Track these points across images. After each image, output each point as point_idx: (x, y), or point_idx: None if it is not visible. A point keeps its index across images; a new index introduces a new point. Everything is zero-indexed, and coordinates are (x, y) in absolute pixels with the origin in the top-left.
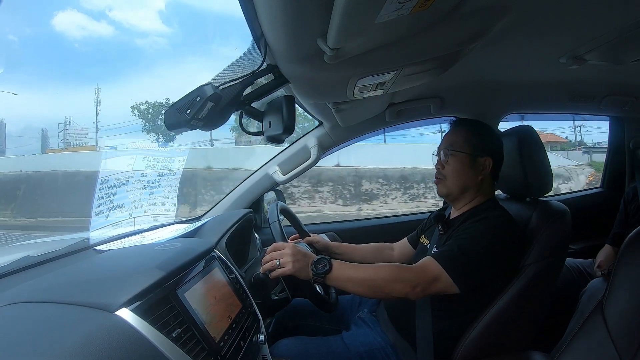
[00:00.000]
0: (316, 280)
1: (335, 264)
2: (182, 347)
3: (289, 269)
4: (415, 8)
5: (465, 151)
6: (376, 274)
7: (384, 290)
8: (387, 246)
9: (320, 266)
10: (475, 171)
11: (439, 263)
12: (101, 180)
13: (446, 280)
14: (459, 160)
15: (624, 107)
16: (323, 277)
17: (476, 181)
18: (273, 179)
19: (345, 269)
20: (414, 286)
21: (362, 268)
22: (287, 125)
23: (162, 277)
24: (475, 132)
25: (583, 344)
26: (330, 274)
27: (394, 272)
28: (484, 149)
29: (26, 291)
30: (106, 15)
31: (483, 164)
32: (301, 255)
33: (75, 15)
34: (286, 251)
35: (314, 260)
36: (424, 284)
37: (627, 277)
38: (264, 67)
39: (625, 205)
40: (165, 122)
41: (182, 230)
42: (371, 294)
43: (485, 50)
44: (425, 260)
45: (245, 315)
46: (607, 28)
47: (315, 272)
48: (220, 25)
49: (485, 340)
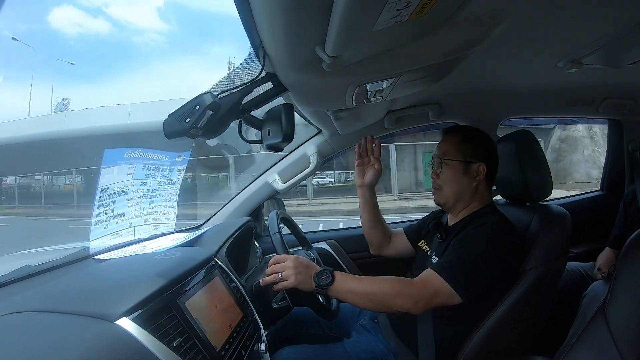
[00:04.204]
0: (318, 292)
1: (337, 276)
2: (182, 356)
3: (292, 282)
4: (413, 15)
5: (458, 159)
6: (378, 288)
7: (385, 304)
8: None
9: (322, 278)
10: (469, 178)
11: (440, 275)
12: (101, 189)
13: (448, 292)
14: (452, 168)
15: (622, 110)
16: (325, 289)
17: (471, 188)
18: (273, 187)
19: (347, 281)
20: (416, 301)
21: (364, 281)
22: (286, 133)
23: (162, 286)
24: (466, 139)
25: (585, 347)
26: (332, 286)
27: (396, 287)
28: (477, 155)
29: (26, 300)
30: (103, 12)
31: (477, 170)
32: (303, 268)
33: (71, 11)
34: (288, 264)
35: (316, 272)
36: (425, 299)
37: (629, 279)
38: (263, 75)
39: (625, 207)
40: (164, 131)
41: (182, 239)
42: (372, 307)
43: (483, 56)
44: (426, 274)
45: (246, 324)
46: (604, 31)
47: (318, 284)
48: (218, 25)
49: (487, 345)
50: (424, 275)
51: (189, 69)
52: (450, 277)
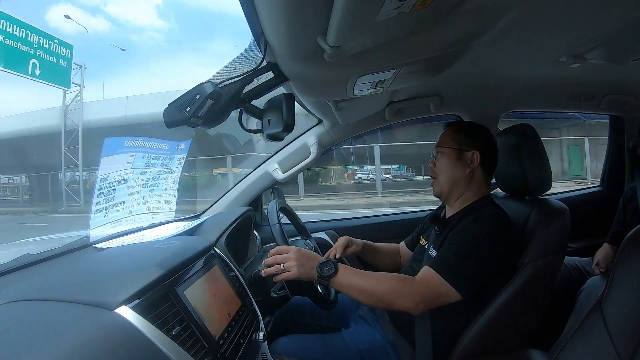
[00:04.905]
0: (320, 282)
1: (340, 269)
2: (181, 344)
3: (294, 273)
4: (416, 6)
5: (452, 146)
6: (379, 286)
7: (385, 302)
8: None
9: (325, 269)
10: (463, 165)
11: (439, 274)
12: (101, 178)
13: (448, 291)
14: (446, 156)
15: (624, 107)
16: (327, 280)
17: (464, 175)
18: (272, 177)
19: (350, 275)
20: (417, 303)
21: (366, 276)
22: (287, 123)
23: (161, 274)
24: (461, 129)
25: (581, 342)
26: (335, 278)
27: (397, 286)
28: (470, 143)
29: (25, 289)
30: (102, 10)
31: (470, 157)
32: (305, 259)
33: (69, 9)
34: (290, 255)
35: (320, 263)
36: (426, 301)
37: (626, 275)
38: (264, 65)
39: (624, 204)
40: (164, 120)
41: (182, 228)
42: (372, 304)
43: (485, 49)
44: (426, 273)
45: (245, 313)
46: (608, 27)
47: (320, 274)
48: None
49: (483, 339)
50: (424, 275)
51: (189, 66)
52: (449, 276)
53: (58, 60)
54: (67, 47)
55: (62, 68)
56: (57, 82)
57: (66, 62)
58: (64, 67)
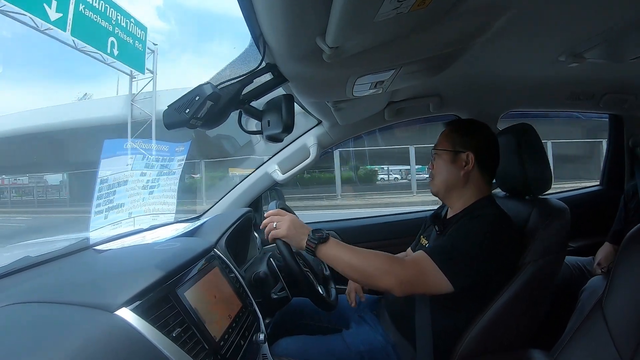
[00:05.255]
0: (308, 246)
1: (331, 239)
2: (182, 346)
3: (282, 231)
4: (414, 7)
5: (447, 148)
6: (367, 260)
7: (370, 278)
8: None
9: (317, 235)
10: (457, 167)
11: (431, 258)
12: (100, 180)
13: (439, 279)
14: (442, 158)
15: (623, 105)
16: (316, 245)
17: (460, 177)
18: (272, 178)
19: (339, 247)
20: (401, 282)
21: (355, 251)
22: (286, 124)
23: (161, 276)
24: (455, 130)
25: (583, 342)
26: (324, 245)
27: (385, 264)
28: (465, 145)
29: (26, 291)
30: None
31: (465, 159)
32: (298, 226)
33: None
34: (285, 218)
35: (313, 229)
36: (412, 279)
37: (627, 274)
38: (263, 66)
39: (626, 202)
40: (164, 122)
41: (182, 230)
42: (357, 278)
43: (483, 49)
44: (417, 255)
45: (245, 315)
46: (607, 25)
47: (311, 238)
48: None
49: (484, 339)
50: (415, 256)
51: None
52: (443, 264)
53: (134, 41)
54: (142, 28)
55: (137, 51)
56: (133, 65)
57: (141, 44)
58: (139, 50)
